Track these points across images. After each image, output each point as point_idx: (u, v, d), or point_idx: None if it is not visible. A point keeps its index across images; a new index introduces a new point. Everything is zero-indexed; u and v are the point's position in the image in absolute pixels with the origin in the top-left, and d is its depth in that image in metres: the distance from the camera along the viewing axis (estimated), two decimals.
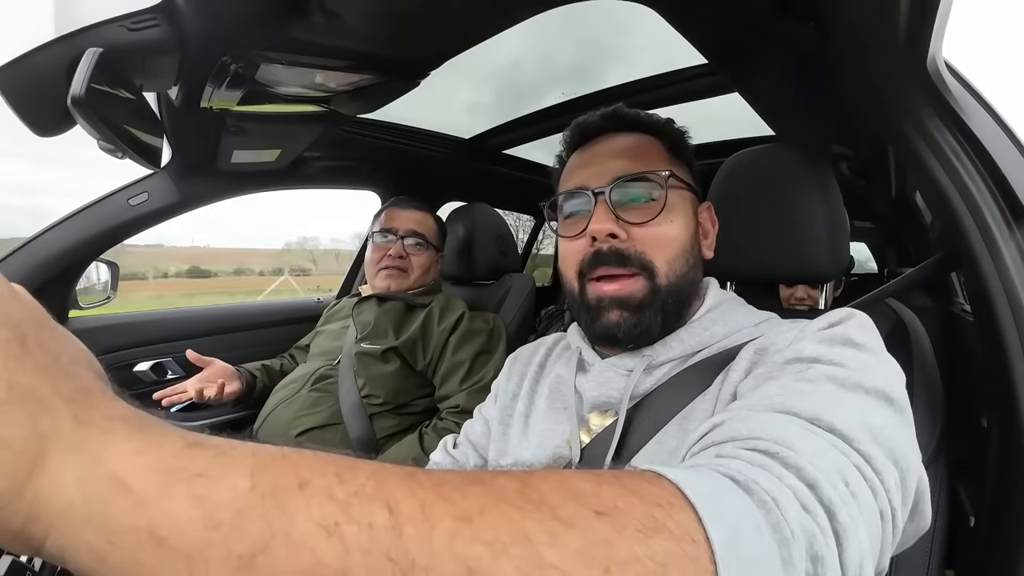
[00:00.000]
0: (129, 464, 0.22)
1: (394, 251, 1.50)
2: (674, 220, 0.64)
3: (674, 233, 0.64)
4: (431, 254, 1.56)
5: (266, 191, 1.76)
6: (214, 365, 1.37)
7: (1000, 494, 0.67)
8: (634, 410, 0.63)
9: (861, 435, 0.39)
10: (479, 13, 0.93)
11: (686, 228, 0.66)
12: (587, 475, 0.29)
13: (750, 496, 0.31)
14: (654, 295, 0.62)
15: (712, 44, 0.92)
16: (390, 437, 1.33)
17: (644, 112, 0.71)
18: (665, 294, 0.63)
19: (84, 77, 0.74)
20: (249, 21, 0.85)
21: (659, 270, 0.63)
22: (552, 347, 0.82)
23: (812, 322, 0.56)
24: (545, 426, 0.70)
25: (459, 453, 0.84)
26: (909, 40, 0.59)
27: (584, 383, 0.69)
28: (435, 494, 0.25)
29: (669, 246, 0.63)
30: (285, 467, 0.24)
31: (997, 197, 0.65)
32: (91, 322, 1.59)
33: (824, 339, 0.51)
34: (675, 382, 0.62)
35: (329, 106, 1.22)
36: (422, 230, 1.54)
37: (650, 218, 0.63)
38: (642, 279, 0.62)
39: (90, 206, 1.44)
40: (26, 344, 0.23)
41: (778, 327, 0.60)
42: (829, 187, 0.78)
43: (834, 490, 0.34)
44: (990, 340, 0.66)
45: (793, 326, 0.58)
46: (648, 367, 0.64)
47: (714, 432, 0.42)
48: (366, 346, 1.38)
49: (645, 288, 0.62)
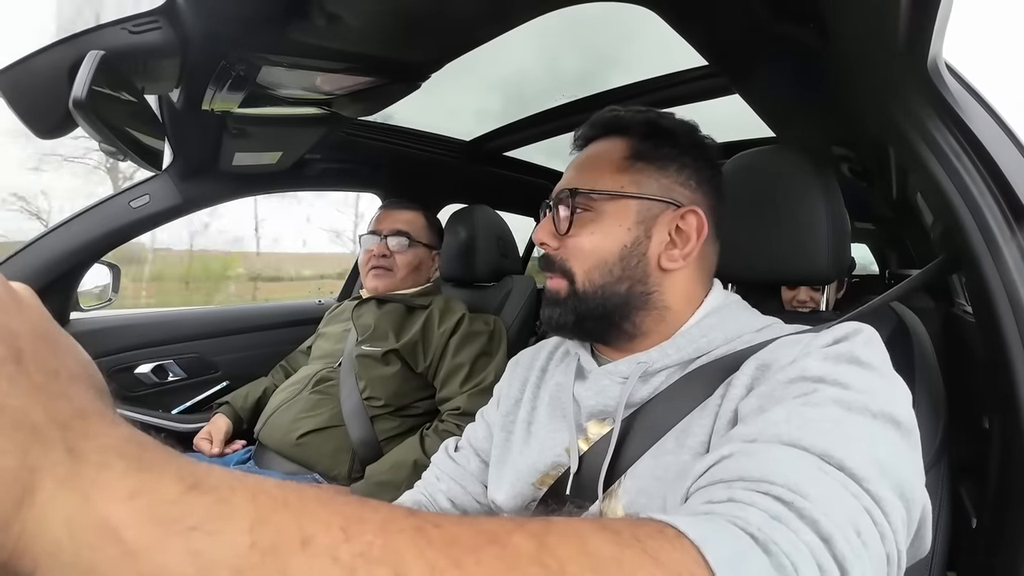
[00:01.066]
0: (122, 510, 0.21)
1: (377, 250, 1.51)
2: (596, 232, 0.65)
3: (591, 245, 0.65)
4: (419, 252, 1.55)
5: (268, 193, 1.76)
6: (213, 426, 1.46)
7: (1002, 495, 0.67)
8: (631, 418, 0.62)
9: (871, 473, 0.39)
10: (480, 16, 0.93)
11: (615, 239, 0.64)
12: (605, 533, 0.29)
13: (769, 558, 0.32)
14: (569, 296, 0.66)
15: (712, 46, 0.92)
16: (391, 439, 1.33)
17: (626, 111, 0.70)
18: (580, 298, 0.66)
19: (86, 79, 0.74)
20: (250, 23, 0.85)
21: (577, 277, 0.66)
22: (553, 351, 0.82)
23: (817, 337, 0.55)
24: (545, 434, 0.70)
25: (461, 457, 0.84)
26: (909, 41, 0.59)
27: (581, 391, 0.68)
28: (446, 558, 0.24)
29: (587, 257, 0.65)
30: (288, 518, 0.23)
31: (998, 198, 0.65)
32: (92, 323, 1.60)
33: (829, 356, 0.51)
34: (673, 391, 0.61)
35: (330, 108, 1.22)
36: (406, 228, 1.54)
37: (573, 229, 0.66)
38: (564, 281, 0.67)
39: (92, 208, 1.45)
40: (22, 362, 0.22)
41: (782, 341, 0.58)
42: (830, 188, 0.78)
43: (847, 544, 0.34)
44: (991, 341, 0.66)
45: (798, 341, 0.56)
46: (645, 374, 0.64)
47: (722, 466, 0.41)
48: (367, 348, 1.39)
49: (565, 289, 0.67)
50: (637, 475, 0.59)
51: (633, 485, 0.59)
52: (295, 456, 1.28)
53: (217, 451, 1.37)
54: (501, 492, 0.72)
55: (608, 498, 0.61)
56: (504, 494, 0.72)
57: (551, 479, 0.68)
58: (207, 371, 1.78)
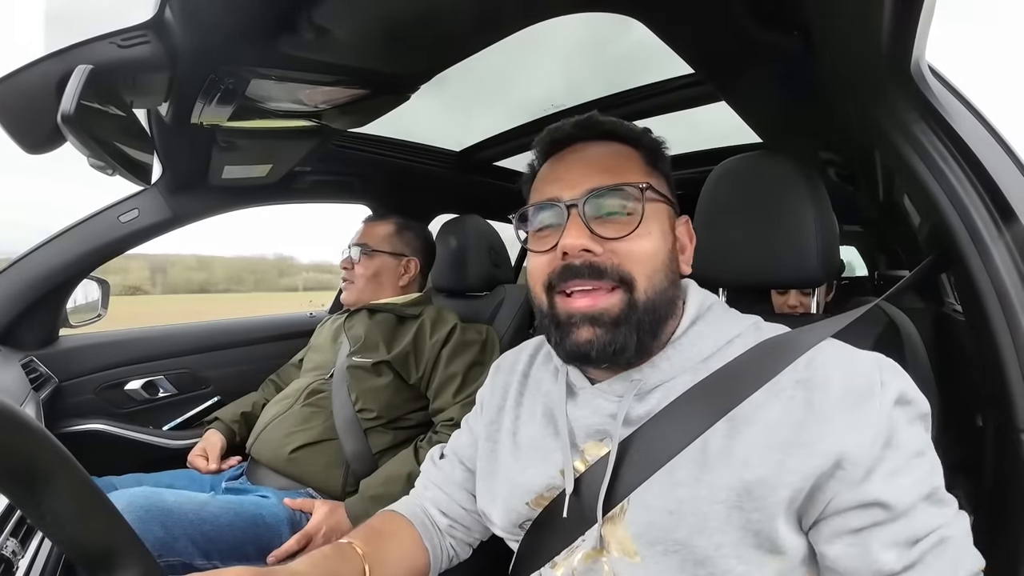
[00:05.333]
0: None
1: (342, 263, 1.55)
2: (652, 233, 0.61)
3: (652, 247, 0.60)
4: (379, 260, 1.53)
5: (258, 206, 1.76)
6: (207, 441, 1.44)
7: (997, 492, 0.67)
8: (630, 439, 0.59)
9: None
10: (468, 27, 0.93)
11: (663, 242, 0.62)
12: None
13: None
14: (630, 310, 0.58)
15: (698, 54, 0.93)
16: (385, 451, 1.32)
17: (622, 121, 0.68)
18: (642, 310, 0.59)
19: (74, 94, 0.73)
20: (239, 37, 0.85)
21: (639, 284, 0.59)
22: (535, 353, 0.79)
23: (884, 399, 0.52)
24: (537, 454, 0.68)
25: (446, 464, 0.83)
26: (892, 45, 0.60)
27: (575, 410, 0.66)
28: None
29: (649, 260, 0.60)
30: None
31: (984, 197, 0.66)
32: (82, 340, 1.58)
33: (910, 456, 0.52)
34: (675, 409, 0.58)
35: (320, 121, 1.22)
36: (365, 239, 1.54)
37: (627, 232, 0.59)
38: (620, 293, 0.59)
39: (80, 223, 1.44)
40: None
41: (826, 350, 0.57)
42: (818, 192, 0.79)
43: None
44: (982, 339, 0.66)
45: (846, 357, 0.57)
46: (639, 392, 0.61)
47: None
48: (357, 359, 1.38)
49: (622, 303, 0.59)
50: (647, 505, 0.57)
51: (643, 516, 0.57)
52: (287, 471, 1.27)
53: (214, 467, 1.35)
54: (495, 508, 0.71)
55: (609, 523, 0.59)
56: (498, 509, 0.70)
57: (546, 500, 0.66)
58: (198, 386, 1.76)
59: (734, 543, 0.52)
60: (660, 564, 0.55)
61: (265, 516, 1.12)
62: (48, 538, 0.57)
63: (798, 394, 0.54)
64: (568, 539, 0.63)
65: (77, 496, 0.45)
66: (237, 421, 1.49)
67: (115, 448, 1.51)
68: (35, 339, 1.43)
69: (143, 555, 0.48)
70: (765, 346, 0.59)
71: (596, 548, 0.60)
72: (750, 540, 0.52)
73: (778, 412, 0.54)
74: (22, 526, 0.69)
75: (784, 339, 0.59)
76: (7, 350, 1.34)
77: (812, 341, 0.57)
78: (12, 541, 0.65)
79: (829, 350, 0.57)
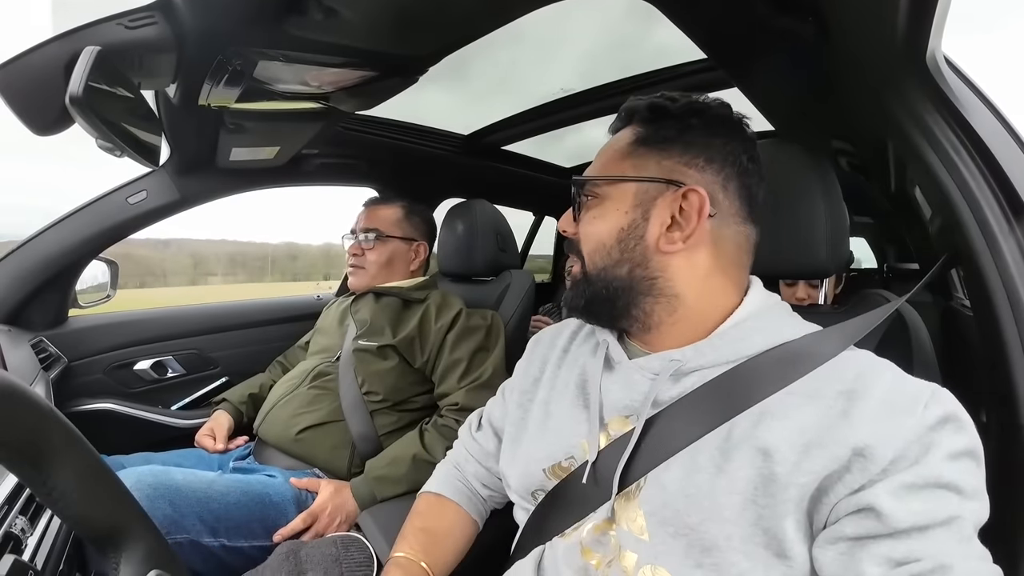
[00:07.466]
0: None
1: (352, 250, 1.55)
2: (597, 217, 0.67)
3: (594, 229, 0.67)
4: (391, 246, 1.54)
5: (265, 188, 1.76)
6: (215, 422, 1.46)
7: (1001, 488, 0.67)
8: (655, 418, 0.61)
9: None
10: (478, 8, 0.92)
11: (613, 223, 0.65)
12: None
13: None
14: (581, 279, 0.70)
15: (711, 39, 0.91)
16: (390, 433, 1.34)
17: (636, 98, 0.70)
18: (589, 281, 0.68)
19: (82, 75, 0.73)
20: (247, 18, 0.85)
21: (586, 260, 0.68)
22: (577, 331, 0.81)
23: (924, 418, 0.50)
24: (564, 422, 0.70)
25: (482, 437, 0.88)
26: (908, 35, 0.59)
27: (609, 384, 0.67)
28: None
29: (592, 240, 0.67)
30: None
31: (996, 193, 0.65)
32: (92, 320, 1.60)
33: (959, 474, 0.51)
34: (705, 395, 0.59)
35: (327, 103, 1.22)
36: (375, 224, 1.54)
37: (578, 217, 0.70)
38: (579, 264, 0.70)
39: (89, 204, 1.44)
40: None
41: (880, 367, 0.56)
42: (829, 182, 0.78)
43: None
44: (989, 335, 0.66)
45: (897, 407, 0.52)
46: (676, 373, 0.62)
47: None
48: (364, 343, 1.39)
49: (579, 272, 0.70)
50: (664, 486, 0.57)
51: (659, 496, 0.57)
52: (294, 451, 1.28)
53: (221, 447, 1.37)
54: (514, 470, 0.74)
55: (624, 498, 0.60)
56: (516, 471, 0.73)
57: (563, 471, 0.68)
58: (206, 367, 1.78)
59: (743, 537, 0.52)
60: (667, 545, 0.56)
61: (272, 495, 1.14)
62: (57, 515, 0.58)
63: (838, 404, 0.53)
64: (579, 514, 0.64)
65: (85, 473, 0.45)
66: (245, 402, 1.51)
67: (124, 427, 1.53)
68: (45, 319, 1.45)
69: (151, 532, 0.49)
70: (790, 348, 0.59)
71: (608, 519, 0.61)
72: (759, 538, 0.52)
73: (813, 416, 0.53)
74: (31, 505, 0.70)
75: (801, 344, 0.59)
76: (17, 330, 1.36)
77: (834, 350, 0.58)
78: (21, 519, 0.66)
79: (883, 369, 0.56)
